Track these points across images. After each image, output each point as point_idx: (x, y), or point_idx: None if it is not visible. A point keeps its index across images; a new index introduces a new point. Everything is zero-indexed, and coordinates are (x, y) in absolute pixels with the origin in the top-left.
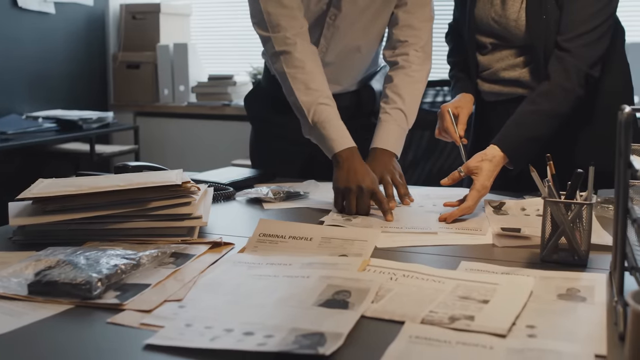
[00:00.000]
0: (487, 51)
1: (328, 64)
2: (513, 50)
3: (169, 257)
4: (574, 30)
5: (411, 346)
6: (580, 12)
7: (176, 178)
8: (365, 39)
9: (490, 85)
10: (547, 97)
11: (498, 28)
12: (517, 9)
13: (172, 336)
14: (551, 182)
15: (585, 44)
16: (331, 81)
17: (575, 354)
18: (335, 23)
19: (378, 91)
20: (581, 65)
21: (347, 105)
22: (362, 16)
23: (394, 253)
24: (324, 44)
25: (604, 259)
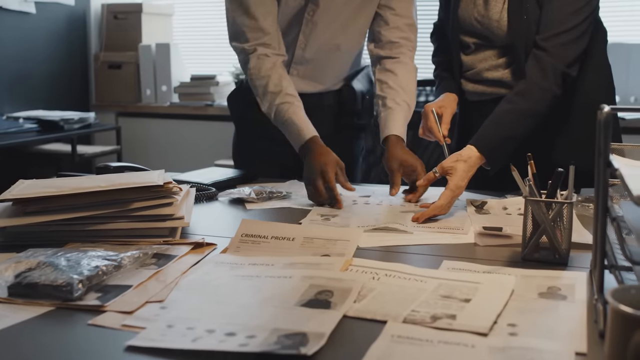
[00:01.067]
0: (470, 51)
1: (308, 61)
2: (495, 50)
3: (150, 258)
4: (551, 30)
5: (393, 345)
6: (559, 12)
7: (158, 179)
8: (344, 37)
9: (474, 85)
10: (524, 96)
11: (481, 28)
12: (500, 9)
13: (153, 337)
14: (532, 181)
15: (562, 43)
16: (312, 79)
17: (556, 352)
18: (314, 19)
19: (359, 91)
20: (558, 65)
21: (330, 104)
22: (341, 12)
23: (377, 253)
24: (302, 40)
25: (585, 258)
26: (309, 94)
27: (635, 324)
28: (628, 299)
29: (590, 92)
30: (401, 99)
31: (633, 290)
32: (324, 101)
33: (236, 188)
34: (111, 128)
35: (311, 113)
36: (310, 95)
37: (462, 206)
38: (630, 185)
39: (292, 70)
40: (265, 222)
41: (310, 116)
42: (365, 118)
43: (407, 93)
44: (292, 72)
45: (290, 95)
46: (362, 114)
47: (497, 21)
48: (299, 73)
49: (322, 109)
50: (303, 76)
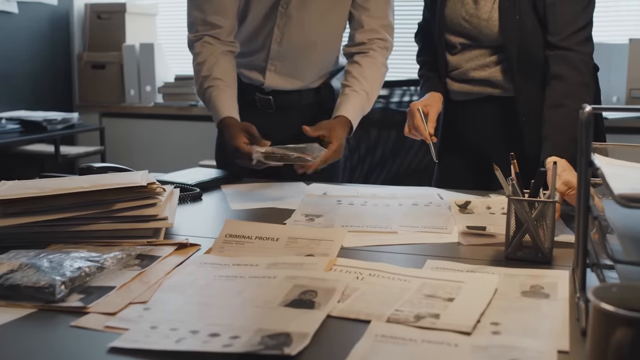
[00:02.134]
0: (456, 51)
1: (285, 57)
2: (483, 50)
3: (134, 259)
4: (568, 30)
5: (377, 345)
6: (568, 12)
7: (141, 179)
8: (320, 32)
9: (460, 85)
10: (571, 96)
11: (469, 27)
12: (489, 9)
13: (136, 339)
14: (515, 180)
15: (582, 40)
16: (290, 75)
17: (538, 350)
18: (288, 11)
19: (338, 89)
20: (587, 58)
21: (309, 102)
22: (315, 7)
23: (361, 252)
24: (277, 34)
25: (567, 256)
26: (287, 92)
27: (617, 322)
28: (609, 297)
29: None
30: (360, 88)
31: (614, 288)
32: (303, 100)
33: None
34: (95, 128)
35: (290, 111)
36: (289, 92)
37: (446, 206)
38: (611, 184)
39: (269, 66)
40: (249, 222)
41: (289, 114)
42: None
43: (368, 82)
44: (269, 68)
45: (218, 79)
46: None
47: (487, 20)
48: (277, 69)
49: (301, 107)
50: (280, 72)
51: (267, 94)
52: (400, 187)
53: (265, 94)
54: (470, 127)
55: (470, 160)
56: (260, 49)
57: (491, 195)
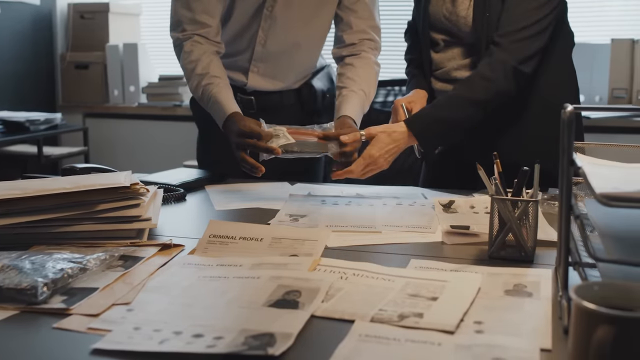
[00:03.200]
0: (439, 48)
1: (268, 58)
2: (462, 48)
3: (117, 260)
4: (508, 27)
5: (361, 345)
6: (516, 9)
7: (124, 180)
8: (305, 34)
9: (443, 84)
10: (464, 84)
11: (449, 25)
12: (467, 6)
13: (119, 340)
14: (498, 180)
15: (516, 40)
16: (272, 77)
17: (521, 349)
18: (273, 14)
19: (320, 90)
20: (508, 59)
21: (291, 103)
22: (301, 9)
23: (345, 252)
24: (262, 36)
25: (550, 255)
26: (269, 92)
27: (598, 320)
28: (591, 295)
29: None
30: (357, 87)
31: (596, 287)
32: (284, 100)
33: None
34: (78, 129)
35: (272, 112)
36: (271, 93)
37: (430, 205)
38: (593, 183)
39: (252, 68)
40: (233, 222)
41: (270, 115)
42: (326, 117)
43: (364, 81)
44: (252, 69)
45: (216, 76)
46: (322, 112)
47: (464, 18)
48: (259, 71)
49: (283, 108)
50: (263, 74)
51: (249, 95)
52: (385, 187)
53: (247, 94)
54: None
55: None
56: (244, 50)
57: (475, 194)
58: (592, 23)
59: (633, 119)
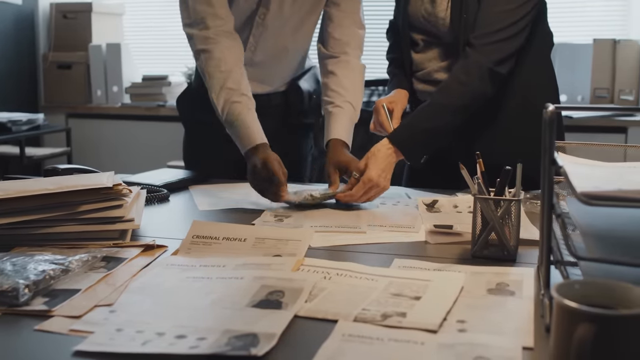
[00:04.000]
0: (419, 49)
1: (257, 63)
2: (441, 49)
3: (100, 261)
4: (484, 28)
5: (344, 344)
6: (492, 10)
7: (107, 181)
8: (293, 40)
9: (424, 86)
10: (440, 91)
11: (428, 25)
12: (445, 7)
13: (102, 342)
14: (480, 179)
15: (492, 42)
16: (260, 81)
17: (503, 347)
18: (265, 22)
19: (306, 90)
20: (483, 61)
21: (277, 104)
22: (291, 16)
23: (328, 252)
24: (252, 43)
25: (533, 254)
26: (256, 95)
27: (579, 318)
28: (572, 293)
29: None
30: (342, 100)
31: (577, 285)
32: (272, 102)
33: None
34: (61, 129)
35: (258, 112)
36: (258, 96)
37: (413, 205)
38: (574, 182)
39: None
40: (217, 223)
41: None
42: (312, 117)
43: (349, 92)
44: None
45: (246, 96)
46: (309, 113)
47: (443, 19)
48: (248, 75)
49: (270, 108)
50: (251, 78)
51: None
52: None
53: None
54: None
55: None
56: None
57: (458, 194)
58: (574, 23)
59: (615, 118)
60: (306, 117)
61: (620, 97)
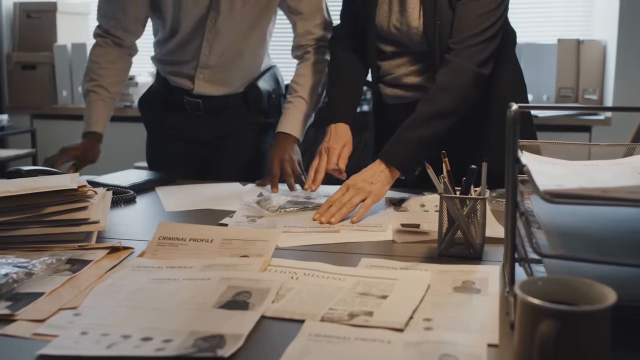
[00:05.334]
0: (386, 57)
1: (213, 66)
2: (412, 56)
3: (64, 264)
4: (464, 33)
5: (310, 344)
6: (470, 15)
7: (71, 182)
8: (247, 42)
9: (393, 90)
10: (426, 102)
11: (399, 35)
12: (417, 16)
13: (66, 345)
14: (447, 178)
15: (473, 45)
16: (218, 83)
17: (469, 344)
18: (216, 26)
19: (265, 90)
20: (468, 65)
21: (236, 104)
22: (242, 19)
23: (296, 252)
24: (206, 47)
25: (498, 252)
26: (214, 97)
27: (541, 314)
28: (535, 290)
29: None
30: (295, 96)
31: (540, 282)
32: (231, 102)
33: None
34: (26, 131)
35: (218, 112)
36: (216, 97)
37: (381, 204)
38: (537, 180)
39: (198, 75)
40: (183, 224)
41: (217, 115)
42: (272, 116)
43: (303, 87)
44: (198, 76)
45: (105, 89)
46: (269, 112)
47: (416, 28)
48: (205, 77)
49: (229, 109)
50: (209, 80)
51: (196, 98)
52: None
53: (194, 97)
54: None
55: None
56: (190, 60)
57: (425, 193)
58: (539, 23)
59: (579, 117)
60: (267, 116)
61: (585, 97)
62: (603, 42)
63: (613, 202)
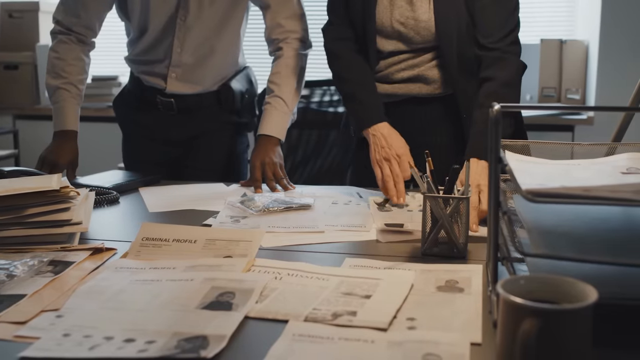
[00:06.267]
0: (382, 56)
1: (185, 64)
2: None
3: (47, 266)
4: (498, 32)
5: (294, 344)
6: (500, 14)
7: (54, 183)
8: (219, 39)
9: (383, 86)
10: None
11: (404, 30)
12: (427, 9)
13: (48, 347)
14: (430, 177)
15: (513, 42)
16: (190, 81)
17: (451, 343)
18: (186, 23)
19: (238, 90)
20: (515, 59)
21: (209, 104)
22: (211, 16)
23: (280, 252)
24: (177, 45)
25: (482, 251)
26: (187, 95)
27: (524, 313)
28: (517, 289)
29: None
30: (273, 96)
31: (522, 281)
32: (204, 102)
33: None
34: (8, 131)
35: (191, 112)
36: (189, 96)
37: (365, 204)
38: (519, 180)
39: (170, 74)
40: (167, 225)
41: (190, 115)
42: (245, 116)
43: (279, 86)
44: (170, 75)
45: (74, 86)
46: (242, 112)
47: (426, 21)
48: (177, 76)
49: (202, 109)
50: (181, 79)
51: (169, 97)
52: (320, 187)
53: (166, 96)
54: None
55: None
56: (162, 59)
57: (409, 193)
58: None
59: (562, 117)
60: (240, 116)
61: (567, 96)
62: (585, 42)
63: (594, 201)
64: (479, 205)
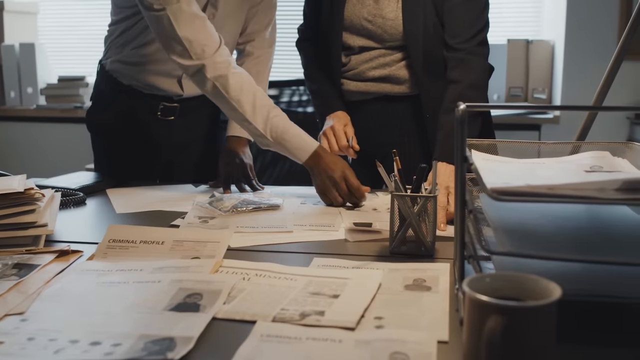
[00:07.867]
0: (353, 53)
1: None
2: (382, 50)
3: (11, 269)
4: (465, 33)
5: (262, 345)
6: (468, 15)
7: (18, 185)
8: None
9: (356, 84)
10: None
11: (372, 28)
12: (394, 8)
13: (12, 352)
14: (397, 176)
15: (478, 43)
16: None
17: (419, 342)
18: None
19: None
20: (482, 60)
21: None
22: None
23: (248, 253)
24: None
25: (449, 249)
26: (189, 98)
27: (489, 311)
28: (483, 287)
29: None
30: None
31: (488, 279)
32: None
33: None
34: None
35: (190, 114)
36: (194, 98)
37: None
38: (484, 178)
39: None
40: (134, 226)
41: (189, 117)
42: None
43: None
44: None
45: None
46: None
47: (393, 20)
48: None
49: (201, 109)
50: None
51: (174, 102)
52: (290, 187)
53: (172, 102)
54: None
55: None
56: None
57: (377, 192)
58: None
59: (528, 116)
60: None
61: (534, 96)
62: (551, 42)
63: (558, 199)
64: (447, 206)
